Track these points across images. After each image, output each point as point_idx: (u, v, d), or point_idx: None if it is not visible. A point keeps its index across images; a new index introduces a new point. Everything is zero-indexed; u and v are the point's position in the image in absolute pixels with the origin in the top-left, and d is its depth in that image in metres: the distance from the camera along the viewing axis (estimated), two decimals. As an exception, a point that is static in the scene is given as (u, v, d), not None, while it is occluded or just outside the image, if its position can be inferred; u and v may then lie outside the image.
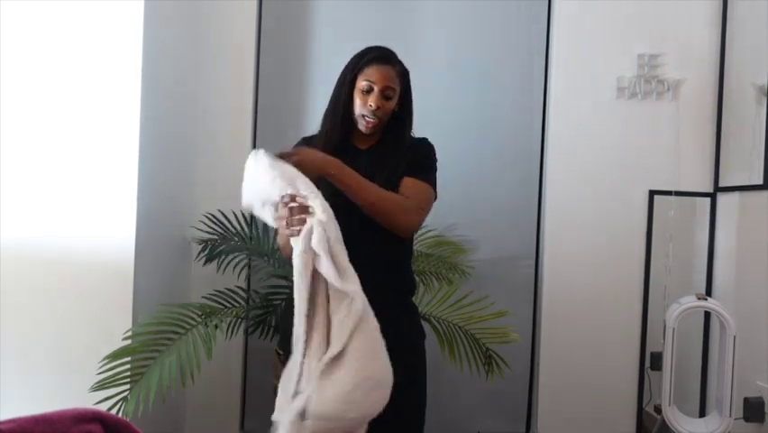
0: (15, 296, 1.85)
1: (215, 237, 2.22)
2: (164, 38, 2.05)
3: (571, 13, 2.42)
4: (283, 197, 1.34)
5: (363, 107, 1.50)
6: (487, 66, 2.50)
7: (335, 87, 1.57)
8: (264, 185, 1.39)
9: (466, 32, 2.52)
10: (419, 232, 2.11)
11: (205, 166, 2.41)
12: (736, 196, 2.26)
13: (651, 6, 2.40)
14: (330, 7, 2.51)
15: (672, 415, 2.00)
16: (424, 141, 1.62)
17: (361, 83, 1.51)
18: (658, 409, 2.12)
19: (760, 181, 2.07)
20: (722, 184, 2.34)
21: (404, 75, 1.57)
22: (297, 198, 1.33)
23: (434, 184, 1.56)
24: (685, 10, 2.39)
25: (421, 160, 1.58)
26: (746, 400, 2.03)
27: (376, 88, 1.50)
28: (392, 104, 1.54)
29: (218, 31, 2.42)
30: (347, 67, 1.56)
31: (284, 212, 1.34)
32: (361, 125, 1.52)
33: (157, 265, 2.07)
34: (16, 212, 1.86)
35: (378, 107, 1.50)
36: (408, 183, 1.53)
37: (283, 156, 1.38)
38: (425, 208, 1.53)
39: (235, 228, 2.25)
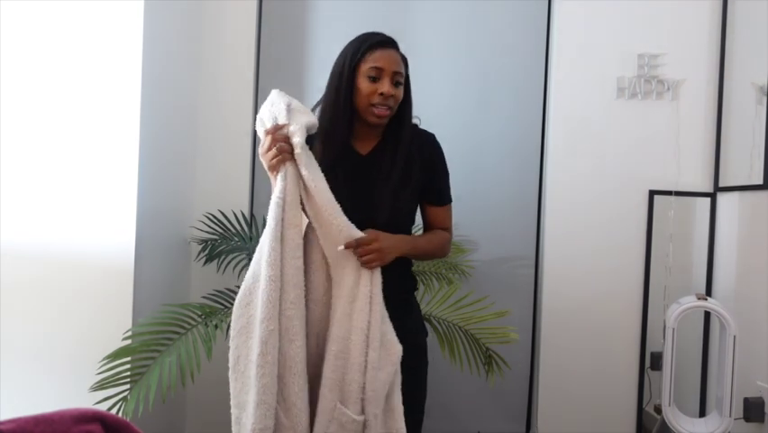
0: (15, 296, 1.86)
1: (215, 237, 2.22)
2: (164, 38, 2.05)
3: (571, 13, 2.42)
4: (271, 128, 1.34)
5: (373, 96, 1.38)
6: (486, 66, 2.50)
7: (332, 79, 1.44)
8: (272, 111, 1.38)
9: (466, 31, 2.52)
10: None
11: (205, 166, 2.42)
12: (736, 196, 2.26)
13: (651, 6, 2.39)
14: (330, 7, 2.51)
15: (672, 415, 2.00)
16: (436, 144, 1.53)
17: (367, 69, 1.38)
18: (658, 410, 2.12)
19: (760, 181, 2.07)
20: (722, 184, 2.34)
21: (406, 63, 1.47)
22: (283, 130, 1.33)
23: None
24: (685, 10, 2.39)
25: (445, 181, 1.54)
26: (746, 400, 2.03)
27: (385, 74, 1.38)
28: (401, 92, 1.43)
29: (218, 31, 2.42)
30: (345, 54, 1.43)
31: (267, 141, 1.34)
32: (371, 117, 1.40)
33: (157, 265, 2.07)
34: (16, 212, 1.86)
35: (390, 95, 1.38)
36: (442, 214, 1.55)
37: (359, 243, 1.35)
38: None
39: (235, 228, 2.25)
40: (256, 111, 2.47)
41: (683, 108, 2.40)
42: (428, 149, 1.51)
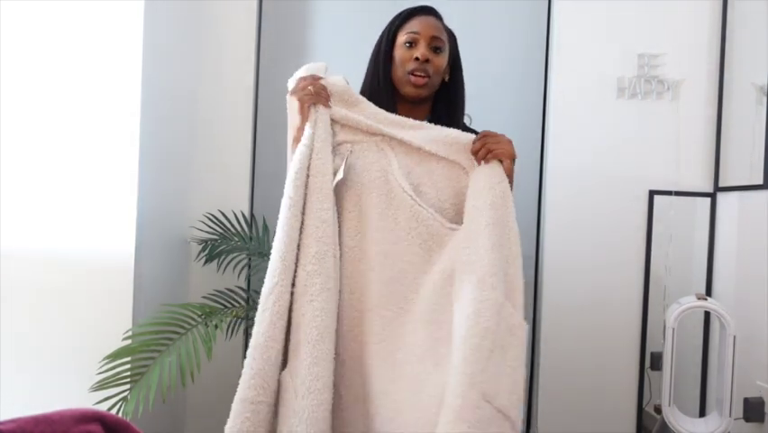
0: (15, 296, 1.86)
1: (215, 237, 2.22)
2: (164, 38, 2.05)
3: (571, 13, 2.42)
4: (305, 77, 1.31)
5: (408, 62, 1.31)
6: (486, 66, 2.50)
7: (371, 59, 1.39)
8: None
9: (465, 31, 2.51)
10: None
11: (205, 166, 2.41)
12: (735, 196, 2.26)
13: (651, 6, 2.39)
14: (330, 7, 2.51)
15: (672, 415, 2.00)
16: None
17: (402, 38, 1.32)
18: (658, 410, 2.12)
19: (760, 181, 2.07)
20: (722, 184, 2.34)
21: (451, 35, 1.40)
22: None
23: None
24: (685, 10, 2.39)
25: None
26: (746, 400, 2.03)
27: (421, 39, 1.31)
28: (443, 60, 1.34)
29: (218, 30, 2.42)
30: (384, 32, 1.38)
31: (302, 82, 1.29)
32: (408, 87, 1.33)
33: (157, 265, 2.07)
34: (17, 212, 1.86)
35: (426, 59, 1.30)
36: None
37: (484, 134, 1.29)
38: None
39: (235, 228, 2.25)
40: (256, 111, 2.50)
41: (683, 108, 2.40)
42: None
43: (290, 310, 1.23)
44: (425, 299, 1.25)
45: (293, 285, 1.23)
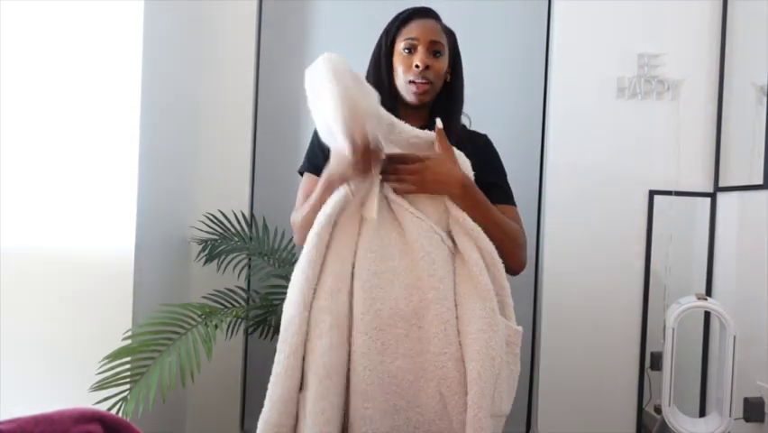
0: (15, 296, 1.85)
1: (215, 237, 2.22)
2: (164, 38, 2.05)
3: (571, 13, 2.42)
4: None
5: (408, 71, 1.27)
6: (486, 66, 2.50)
7: (371, 63, 1.36)
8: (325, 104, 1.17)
9: (466, 31, 2.51)
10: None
11: (205, 166, 2.42)
12: (735, 196, 2.26)
13: (651, 6, 2.40)
14: (330, 7, 2.51)
15: (672, 415, 2.00)
16: (489, 142, 1.43)
17: (401, 44, 1.29)
18: (658, 410, 2.12)
19: (760, 181, 2.07)
20: (722, 184, 2.34)
21: (450, 34, 1.37)
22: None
23: None
24: (685, 10, 2.39)
25: (504, 179, 1.42)
26: (746, 400, 2.03)
27: (420, 45, 1.28)
28: (443, 63, 1.31)
29: (218, 31, 2.42)
30: (381, 36, 1.35)
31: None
32: (410, 96, 1.30)
33: (157, 265, 2.07)
34: (16, 211, 1.86)
35: (426, 66, 1.27)
36: (511, 213, 1.38)
37: (403, 159, 1.20)
38: None
39: (235, 228, 2.25)
40: (256, 111, 2.50)
41: (683, 108, 2.40)
42: (480, 148, 1.40)
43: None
44: (437, 317, 1.23)
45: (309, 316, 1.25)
